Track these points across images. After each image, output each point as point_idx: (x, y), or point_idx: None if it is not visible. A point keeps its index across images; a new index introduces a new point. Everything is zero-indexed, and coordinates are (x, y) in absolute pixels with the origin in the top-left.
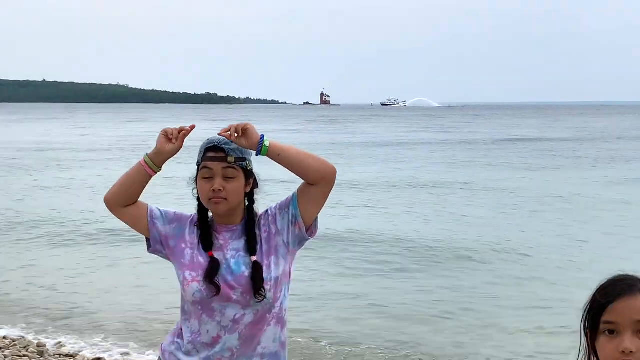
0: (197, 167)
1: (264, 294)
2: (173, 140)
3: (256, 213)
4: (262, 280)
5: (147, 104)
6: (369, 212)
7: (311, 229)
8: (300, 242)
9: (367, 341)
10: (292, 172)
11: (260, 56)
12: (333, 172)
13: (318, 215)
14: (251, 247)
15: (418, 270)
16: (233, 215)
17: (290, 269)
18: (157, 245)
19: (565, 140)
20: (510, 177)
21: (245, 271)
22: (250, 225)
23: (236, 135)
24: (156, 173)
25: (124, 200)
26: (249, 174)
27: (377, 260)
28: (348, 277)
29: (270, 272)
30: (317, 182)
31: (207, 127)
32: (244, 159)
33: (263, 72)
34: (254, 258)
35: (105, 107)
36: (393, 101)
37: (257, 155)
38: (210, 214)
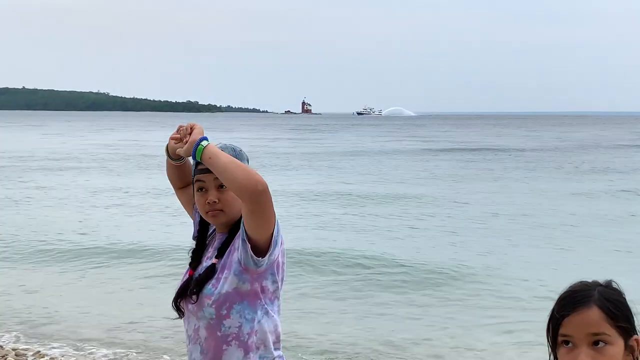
0: (192, 180)
1: (194, 301)
2: (184, 140)
3: None
4: (200, 284)
5: (127, 112)
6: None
7: (263, 251)
8: (255, 263)
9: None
10: (222, 181)
11: (241, 64)
12: (255, 189)
13: (276, 238)
14: (220, 250)
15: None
16: (233, 224)
17: (258, 289)
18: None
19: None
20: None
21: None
22: (234, 229)
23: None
24: (179, 163)
25: (173, 182)
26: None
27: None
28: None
29: (218, 286)
30: (241, 196)
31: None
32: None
33: (244, 80)
34: (214, 261)
35: (84, 115)
36: (369, 110)
37: (192, 158)
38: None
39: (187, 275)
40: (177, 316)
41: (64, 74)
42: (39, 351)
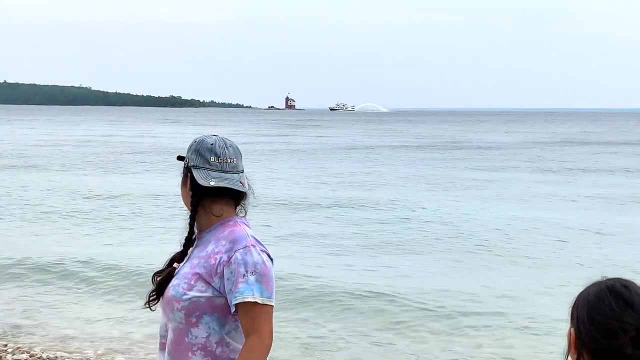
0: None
1: (155, 302)
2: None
3: (227, 219)
4: (164, 283)
5: (109, 106)
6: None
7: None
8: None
9: None
10: None
11: (225, 59)
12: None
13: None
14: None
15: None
16: (197, 221)
17: (228, 308)
18: None
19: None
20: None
21: None
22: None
23: None
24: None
25: None
26: (189, 172)
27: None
28: None
29: (189, 290)
30: None
31: (173, 130)
32: (184, 157)
33: (228, 75)
34: (176, 265)
35: (65, 109)
36: (342, 106)
37: None
38: None
39: (170, 266)
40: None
41: (46, 68)
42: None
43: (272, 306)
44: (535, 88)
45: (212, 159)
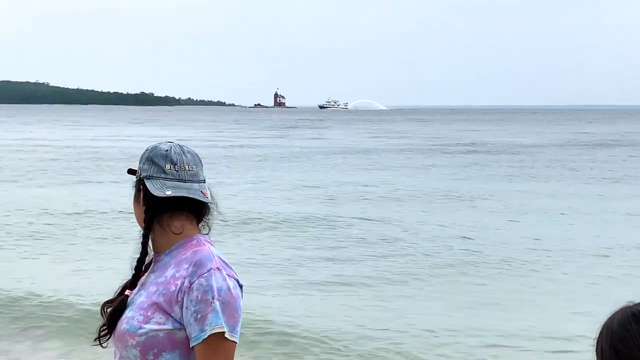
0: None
1: (106, 337)
2: None
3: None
4: (116, 315)
5: (71, 104)
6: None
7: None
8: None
9: None
10: None
11: (203, 52)
12: None
13: None
14: (134, 279)
15: None
16: (154, 241)
17: (187, 344)
18: None
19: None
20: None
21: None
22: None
23: None
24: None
25: None
26: (142, 184)
27: None
28: None
29: (146, 323)
30: None
31: (142, 132)
32: (134, 170)
33: (207, 69)
34: (129, 292)
35: (18, 108)
36: (333, 103)
37: None
38: None
39: (121, 294)
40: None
41: None
42: None
43: (236, 344)
44: (542, 85)
45: (168, 166)
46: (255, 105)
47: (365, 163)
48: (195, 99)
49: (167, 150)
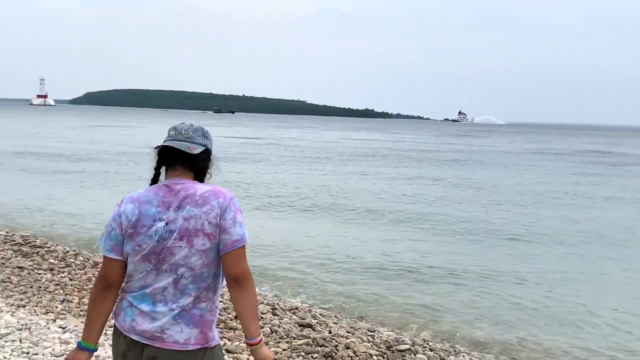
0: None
1: None
2: None
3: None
4: None
5: (317, 116)
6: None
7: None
8: None
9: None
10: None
11: (407, 74)
12: None
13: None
14: None
15: None
16: None
17: None
18: None
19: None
20: None
21: None
22: None
23: None
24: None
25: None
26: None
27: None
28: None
29: None
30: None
31: (363, 136)
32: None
33: (410, 90)
34: None
35: (286, 117)
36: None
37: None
38: None
39: None
40: None
41: (273, 84)
42: None
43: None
44: None
45: (172, 132)
46: (444, 119)
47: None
48: (402, 114)
49: (177, 125)
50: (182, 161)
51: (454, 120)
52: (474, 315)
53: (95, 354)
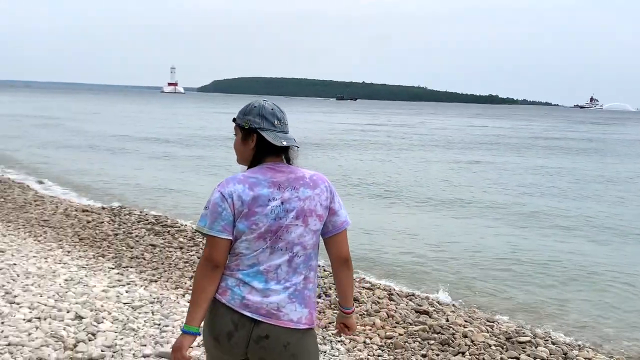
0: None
1: None
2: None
3: None
4: None
5: (440, 102)
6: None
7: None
8: None
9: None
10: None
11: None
12: None
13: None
14: None
15: None
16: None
17: None
18: None
19: None
20: None
21: None
22: None
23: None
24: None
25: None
26: (242, 130)
27: None
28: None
29: None
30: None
31: (485, 123)
32: (236, 118)
33: (538, 75)
34: None
35: (405, 104)
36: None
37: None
38: None
39: None
40: None
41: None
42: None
43: (211, 236)
44: None
45: (276, 122)
46: (574, 105)
47: None
48: (528, 100)
49: (272, 109)
50: (284, 150)
51: (581, 107)
52: (601, 313)
53: None
